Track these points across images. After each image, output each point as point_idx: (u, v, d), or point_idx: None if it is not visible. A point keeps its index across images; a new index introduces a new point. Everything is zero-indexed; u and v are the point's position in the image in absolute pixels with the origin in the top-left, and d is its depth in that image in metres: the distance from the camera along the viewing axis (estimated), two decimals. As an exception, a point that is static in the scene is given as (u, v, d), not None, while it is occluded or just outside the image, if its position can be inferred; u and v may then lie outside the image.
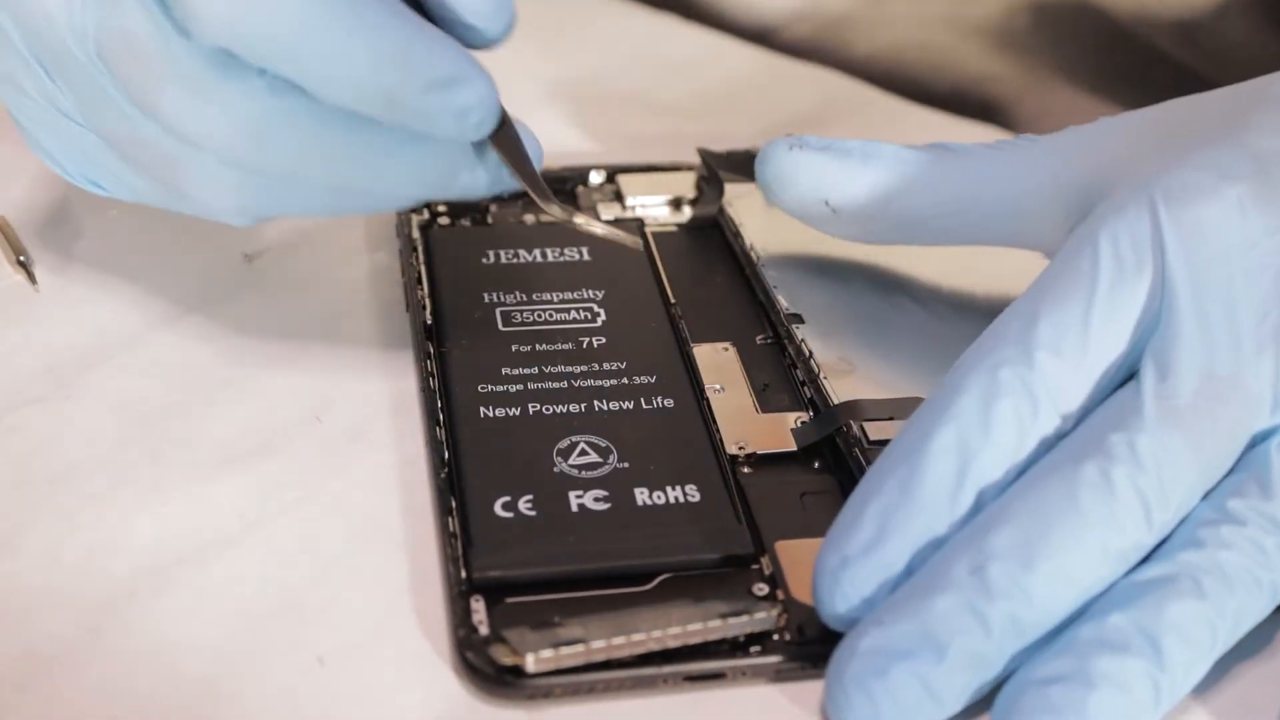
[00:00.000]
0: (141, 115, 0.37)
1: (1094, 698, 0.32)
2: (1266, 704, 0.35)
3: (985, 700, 0.33)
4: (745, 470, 0.39)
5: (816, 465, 0.40)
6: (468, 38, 0.37)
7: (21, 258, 0.46)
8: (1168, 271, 0.35)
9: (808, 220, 0.44)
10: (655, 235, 0.49)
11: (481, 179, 0.38)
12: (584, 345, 0.43)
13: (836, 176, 0.43)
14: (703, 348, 0.44)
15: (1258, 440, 0.35)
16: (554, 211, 0.39)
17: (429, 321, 0.43)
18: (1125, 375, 0.36)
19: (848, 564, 0.34)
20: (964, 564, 0.33)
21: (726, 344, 0.44)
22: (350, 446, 0.41)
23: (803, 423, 0.41)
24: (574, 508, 0.37)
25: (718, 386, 0.42)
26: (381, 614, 0.36)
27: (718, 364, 0.43)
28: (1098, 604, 0.33)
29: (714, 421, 0.41)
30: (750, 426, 0.41)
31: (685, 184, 0.52)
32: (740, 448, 0.40)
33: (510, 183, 0.38)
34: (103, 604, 0.36)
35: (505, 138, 0.38)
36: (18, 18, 0.38)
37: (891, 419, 0.39)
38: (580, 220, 0.40)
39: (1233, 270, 0.35)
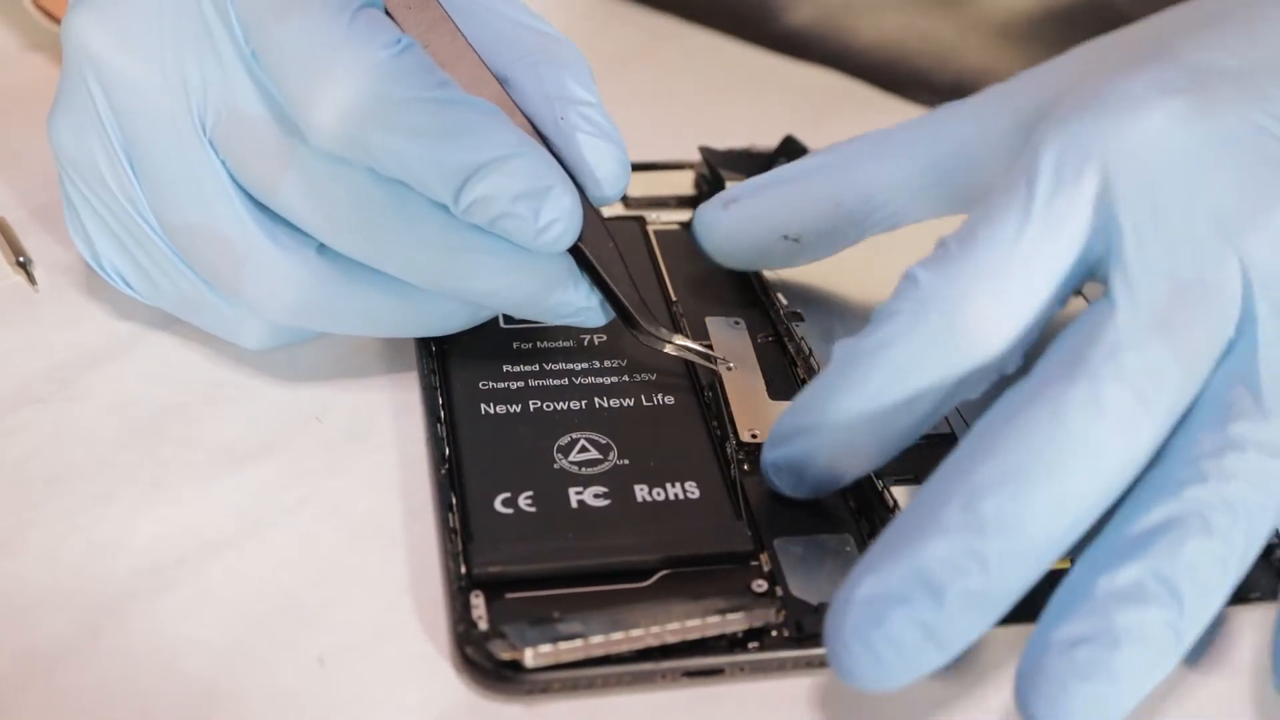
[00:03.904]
0: (228, 205, 0.39)
1: (1120, 656, 0.31)
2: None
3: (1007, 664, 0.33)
4: (745, 467, 0.39)
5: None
6: (590, 190, 0.40)
7: (21, 258, 0.46)
8: (1114, 184, 0.35)
9: (773, 263, 0.44)
10: (656, 233, 0.49)
11: (577, 299, 0.40)
12: (585, 342, 0.43)
13: (788, 205, 0.42)
14: (714, 320, 0.44)
15: (1235, 342, 0.35)
16: (654, 335, 0.41)
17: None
18: (1075, 287, 0.36)
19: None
20: (954, 501, 0.32)
21: (737, 318, 0.44)
22: (351, 447, 0.41)
23: None
24: (574, 504, 0.38)
25: (730, 365, 0.42)
26: (382, 614, 0.36)
27: (729, 338, 0.43)
28: (1108, 550, 0.33)
29: (728, 409, 0.41)
30: (763, 413, 0.41)
31: (686, 182, 0.52)
32: (754, 435, 0.40)
33: (605, 312, 0.41)
34: (103, 604, 0.36)
35: (607, 260, 0.40)
36: (117, 106, 0.39)
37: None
38: (679, 341, 0.41)
39: (1184, 176, 0.35)
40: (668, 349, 0.41)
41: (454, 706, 0.34)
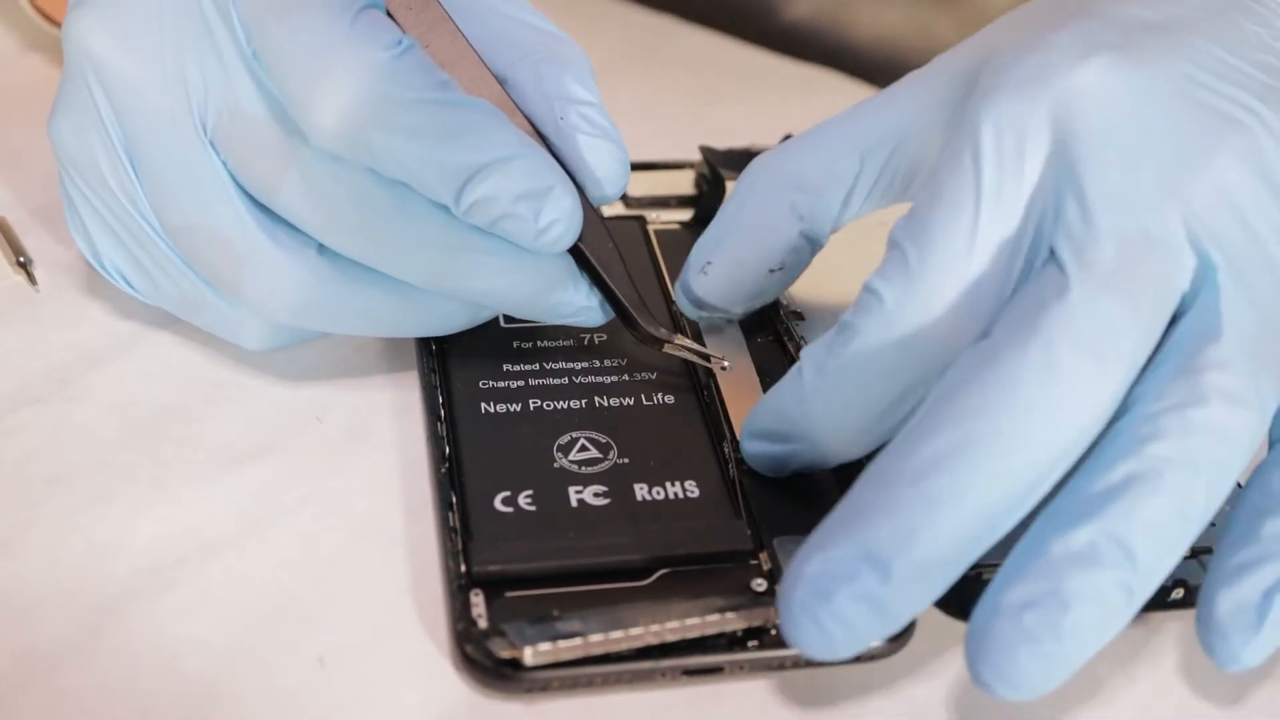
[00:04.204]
0: (229, 206, 0.39)
1: (1069, 618, 0.31)
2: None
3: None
4: (744, 466, 0.39)
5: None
6: (590, 189, 0.40)
7: (22, 259, 0.46)
8: (1056, 151, 0.35)
9: (769, 296, 0.42)
10: (657, 233, 0.49)
11: (577, 298, 0.40)
12: (585, 341, 0.43)
13: (764, 243, 0.41)
14: (713, 336, 0.44)
15: (1193, 293, 0.35)
16: (654, 335, 0.40)
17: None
18: (1040, 260, 0.35)
19: None
20: (905, 473, 0.32)
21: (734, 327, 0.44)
22: (351, 447, 0.41)
23: None
24: (573, 503, 0.38)
25: (726, 364, 0.42)
26: (382, 614, 0.36)
27: (722, 337, 0.43)
28: (1067, 510, 0.32)
29: (724, 410, 0.41)
30: None
31: (686, 181, 0.52)
32: None
33: (604, 312, 0.41)
34: (103, 604, 0.36)
35: (607, 261, 0.40)
36: (118, 107, 0.39)
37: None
38: (678, 341, 0.41)
39: (1120, 132, 0.35)
40: (666, 348, 0.41)
41: (454, 705, 0.34)
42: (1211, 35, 0.37)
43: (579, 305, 0.40)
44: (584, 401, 0.41)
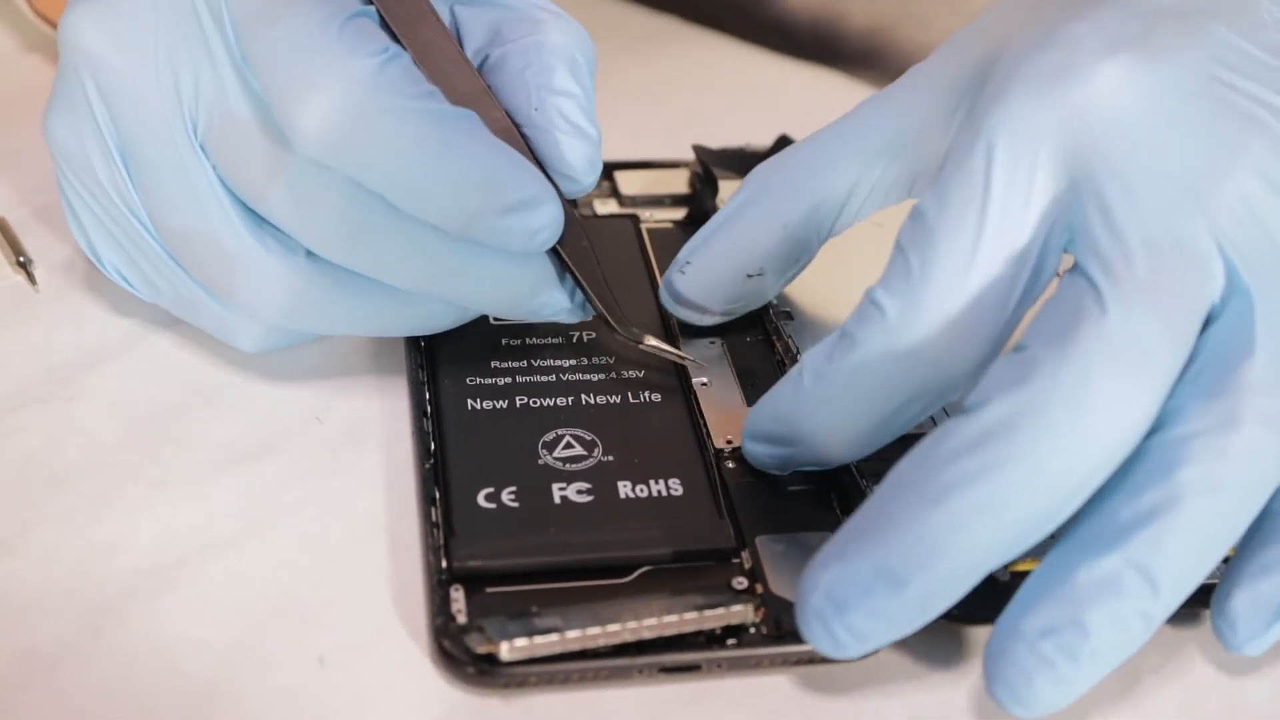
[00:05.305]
0: (219, 209, 0.39)
1: (1087, 646, 0.32)
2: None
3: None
4: (729, 465, 0.39)
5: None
6: (562, 185, 0.40)
7: (22, 259, 0.46)
8: (1072, 160, 0.34)
9: (751, 302, 0.43)
10: (650, 232, 0.49)
11: (560, 299, 0.40)
12: (573, 339, 0.43)
13: (738, 245, 0.41)
14: (692, 343, 0.44)
15: (1223, 307, 0.34)
16: (624, 334, 0.41)
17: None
18: (1053, 269, 0.35)
19: None
20: (930, 490, 0.32)
21: (714, 339, 0.44)
22: (350, 447, 0.41)
23: None
24: (557, 500, 0.38)
25: (704, 380, 0.42)
26: (381, 614, 0.36)
27: (706, 359, 0.43)
28: (1093, 535, 0.32)
29: (701, 416, 0.41)
30: (738, 421, 0.41)
31: (680, 181, 0.52)
32: (729, 441, 0.40)
33: (586, 310, 0.41)
34: (103, 604, 0.36)
35: (580, 259, 0.40)
36: (112, 106, 0.39)
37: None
38: (651, 343, 0.41)
39: (1143, 139, 0.34)
40: (641, 347, 0.41)
41: (446, 704, 0.34)
42: (1230, 21, 0.36)
43: (562, 305, 0.40)
44: (570, 399, 0.41)
